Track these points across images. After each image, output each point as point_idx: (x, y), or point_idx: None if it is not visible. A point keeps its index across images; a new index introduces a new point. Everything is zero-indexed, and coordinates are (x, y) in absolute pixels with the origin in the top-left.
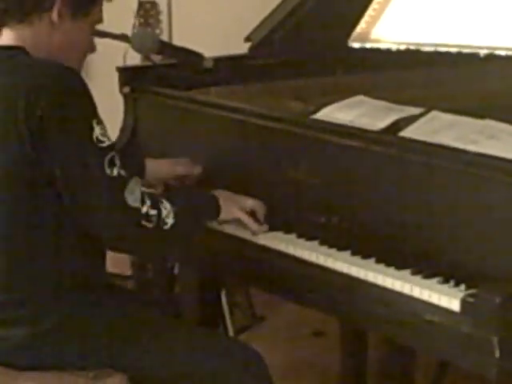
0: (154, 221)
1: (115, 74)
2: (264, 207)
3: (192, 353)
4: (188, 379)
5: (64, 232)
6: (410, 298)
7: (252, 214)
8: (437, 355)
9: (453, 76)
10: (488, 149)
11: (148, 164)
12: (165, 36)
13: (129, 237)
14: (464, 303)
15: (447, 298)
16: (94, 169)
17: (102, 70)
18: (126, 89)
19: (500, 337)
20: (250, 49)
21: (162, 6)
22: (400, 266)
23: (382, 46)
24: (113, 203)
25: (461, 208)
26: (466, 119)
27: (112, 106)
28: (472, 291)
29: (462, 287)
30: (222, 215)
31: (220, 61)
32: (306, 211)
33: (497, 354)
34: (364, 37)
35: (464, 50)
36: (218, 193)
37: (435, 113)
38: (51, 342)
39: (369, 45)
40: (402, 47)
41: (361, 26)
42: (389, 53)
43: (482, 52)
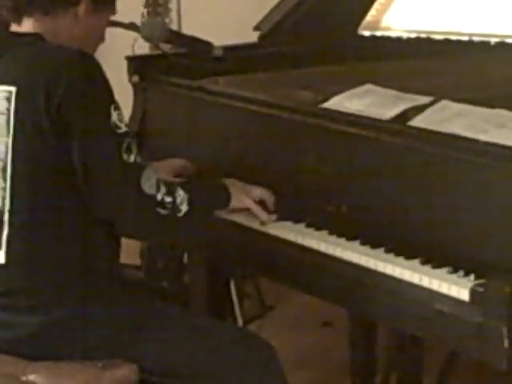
0: (169, 208)
1: (124, 63)
2: (273, 197)
3: (201, 342)
4: (197, 369)
5: (81, 221)
6: (419, 288)
7: (261, 204)
8: (446, 345)
9: (463, 64)
10: (498, 138)
11: None
12: (174, 25)
13: (144, 223)
14: (473, 293)
15: (456, 288)
16: (111, 155)
17: (111, 60)
18: (136, 78)
19: (509, 326)
20: (260, 38)
21: None
22: (409, 256)
23: (392, 34)
24: (128, 190)
25: (471, 197)
26: (476, 108)
27: (121, 96)
28: (481, 281)
29: (472, 277)
30: (232, 203)
31: (229, 50)
32: (315, 201)
33: (506, 344)
34: (374, 25)
35: (475, 38)
36: (228, 182)
37: (445, 102)
38: (62, 332)
39: (379, 33)
40: (413, 35)
41: (371, 14)
42: (398, 41)
43: (493, 40)
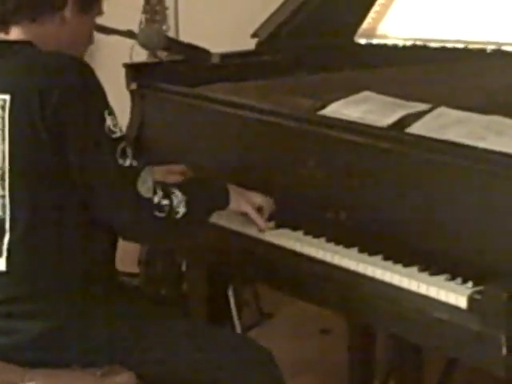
0: (166, 210)
1: (122, 71)
2: (272, 205)
3: (201, 349)
4: (196, 376)
5: (81, 227)
6: (417, 295)
7: (260, 211)
8: (444, 352)
9: (460, 72)
10: (496, 145)
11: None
12: (171, 32)
13: (142, 227)
14: (471, 300)
15: (454, 295)
16: (107, 159)
17: (109, 67)
18: (133, 85)
19: (507, 334)
20: (257, 45)
21: (169, 2)
22: (407, 263)
23: (389, 42)
24: (125, 194)
25: (469, 205)
26: (474, 115)
27: (119, 103)
28: (479, 288)
29: (470, 284)
30: (231, 205)
31: (227, 57)
32: (313, 208)
33: (504, 351)
34: (370, 33)
35: (471, 46)
36: (229, 185)
37: (442, 109)
38: (62, 338)
39: (375, 41)
40: (409, 43)
41: (367, 22)
42: (395, 48)
43: (489, 48)
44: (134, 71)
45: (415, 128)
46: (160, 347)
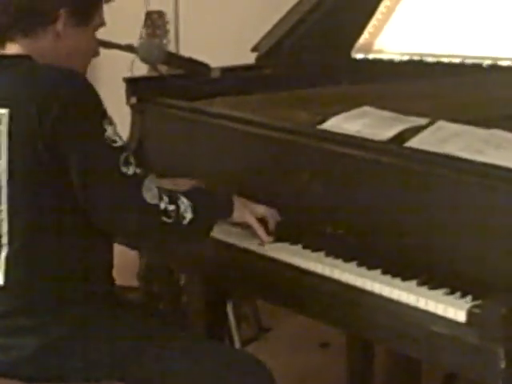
0: (173, 216)
1: (122, 85)
2: (278, 218)
3: (198, 365)
4: None
5: (80, 241)
6: (416, 310)
7: (263, 222)
8: (443, 366)
9: (456, 86)
10: (495, 159)
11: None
12: (172, 46)
13: (150, 233)
14: (470, 314)
15: (453, 309)
16: (110, 169)
17: (109, 81)
18: (133, 99)
19: (506, 348)
20: (257, 59)
21: (169, 16)
22: (406, 277)
23: (385, 57)
24: (132, 201)
25: (467, 219)
26: (473, 129)
27: (119, 117)
28: (478, 302)
29: (468, 298)
30: (235, 215)
31: (227, 71)
32: (312, 222)
33: (503, 365)
34: (367, 48)
35: (467, 61)
36: (234, 195)
37: (441, 123)
38: (62, 352)
39: (372, 56)
40: (405, 58)
41: (364, 37)
42: (394, 63)
43: (485, 62)
44: (134, 85)
45: (414, 142)
46: (159, 362)
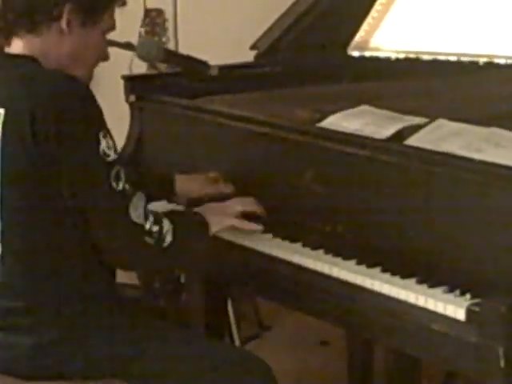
0: (156, 237)
1: (121, 83)
2: (254, 203)
3: (198, 363)
4: None
5: (79, 240)
6: (416, 308)
7: (246, 216)
8: (442, 364)
9: (452, 84)
10: (494, 157)
11: (179, 181)
12: (171, 44)
13: (131, 253)
14: (469, 312)
15: (452, 308)
16: (100, 184)
17: (108, 79)
18: (132, 97)
19: (505, 346)
20: (256, 57)
21: (168, 14)
22: (405, 276)
23: (381, 55)
24: (117, 218)
25: (467, 217)
26: (472, 127)
27: (118, 115)
28: (477, 300)
29: (468, 296)
30: (214, 228)
31: (225, 69)
32: (312, 220)
33: (502, 364)
34: (363, 45)
35: (463, 59)
36: (203, 208)
37: (441, 121)
38: (62, 350)
39: (368, 53)
40: (401, 56)
41: (360, 35)
42: (392, 61)
43: (482, 60)
44: (133, 83)
45: (414, 140)
46: (159, 360)
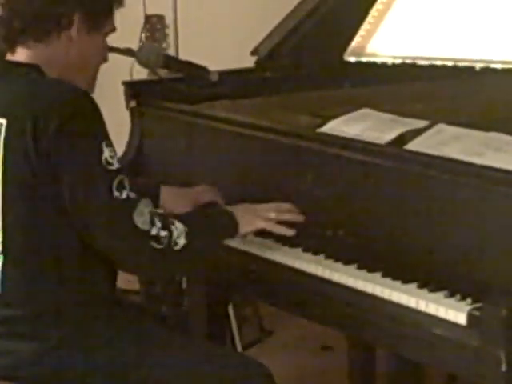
0: (165, 242)
1: (121, 89)
2: (288, 209)
3: (200, 368)
4: None
5: (79, 247)
6: (417, 312)
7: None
8: (444, 368)
9: (450, 89)
10: (494, 161)
11: (165, 193)
12: (171, 50)
13: (139, 259)
14: (470, 317)
15: (454, 312)
16: (102, 192)
17: (109, 85)
18: (133, 103)
19: (507, 350)
20: (257, 62)
21: (169, 20)
22: (406, 280)
23: (378, 60)
24: (121, 226)
25: (467, 221)
26: (472, 132)
27: (118, 121)
28: (478, 305)
29: (469, 301)
30: (243, 229)
31: (226, 74)
32: (312, 225)
33: (504, 368)
34: (360, 51)
35: (460, 64)
36: (235, 208)
37: (441, 125)
38: (62, 357)
39: (364, 59)
40: (398, 61)
41: (356, 40)
42: (390, 66)
43: (478, 65)
44: (134, 89)
45: (414, 144)
46: (160, 365)
